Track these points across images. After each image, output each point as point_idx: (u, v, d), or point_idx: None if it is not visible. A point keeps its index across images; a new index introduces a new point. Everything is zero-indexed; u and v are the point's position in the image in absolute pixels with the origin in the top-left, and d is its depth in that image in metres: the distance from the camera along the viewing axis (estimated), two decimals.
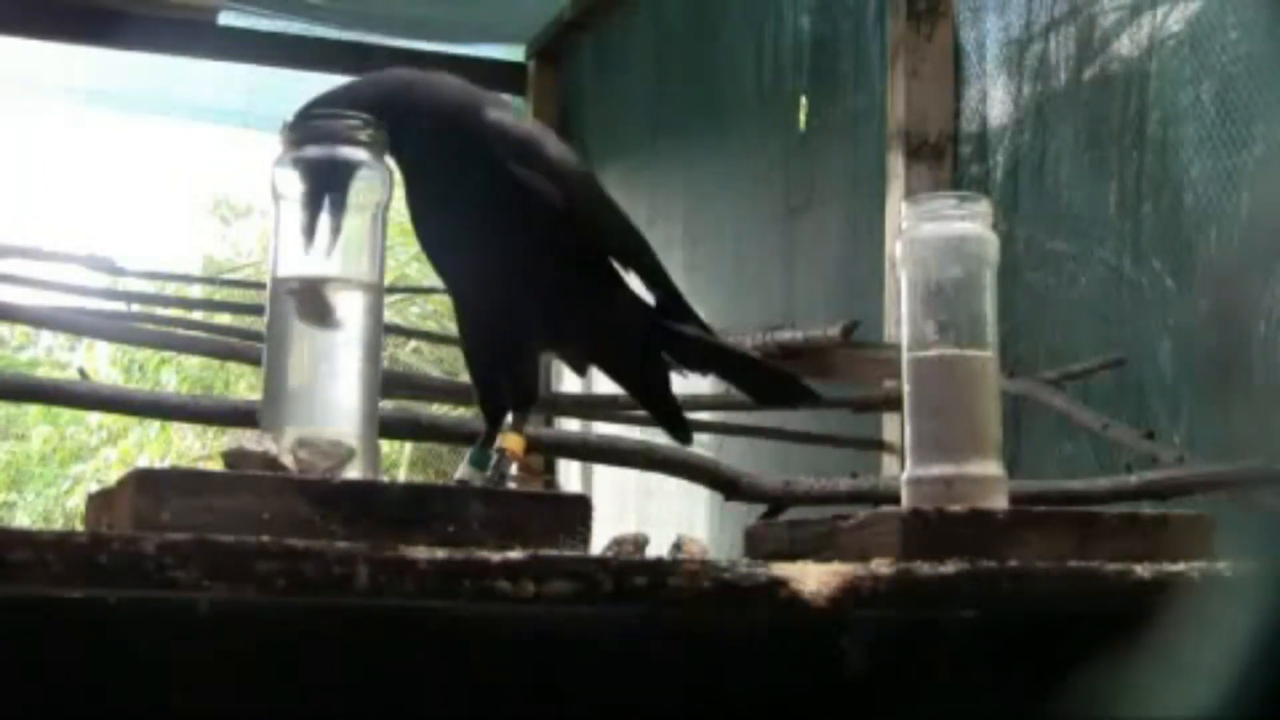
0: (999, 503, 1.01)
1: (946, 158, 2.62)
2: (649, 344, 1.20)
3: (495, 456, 1.09)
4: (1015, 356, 2.29)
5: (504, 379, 1.13)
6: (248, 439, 0.88)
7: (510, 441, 1.10)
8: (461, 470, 1.11)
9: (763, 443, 2.96)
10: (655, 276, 1.19)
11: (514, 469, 1.13)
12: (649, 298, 1.21)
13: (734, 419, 2.95)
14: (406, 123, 1.01)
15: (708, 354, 1.24)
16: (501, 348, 1.12)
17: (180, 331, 2.86)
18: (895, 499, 1.05)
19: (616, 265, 1.17)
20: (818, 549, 0.96)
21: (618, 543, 0.90)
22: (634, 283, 1.20)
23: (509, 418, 1.13)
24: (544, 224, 1.07)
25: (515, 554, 0.74)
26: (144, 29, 4.03)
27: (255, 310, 3.14)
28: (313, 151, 0.95)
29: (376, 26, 4.24)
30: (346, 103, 1.02)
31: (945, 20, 2.65)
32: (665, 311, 1.20)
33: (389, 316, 1.01)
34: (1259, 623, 0.79)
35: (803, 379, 1.26)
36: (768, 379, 1.28)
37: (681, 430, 1.27)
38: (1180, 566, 0.88)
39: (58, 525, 5.31)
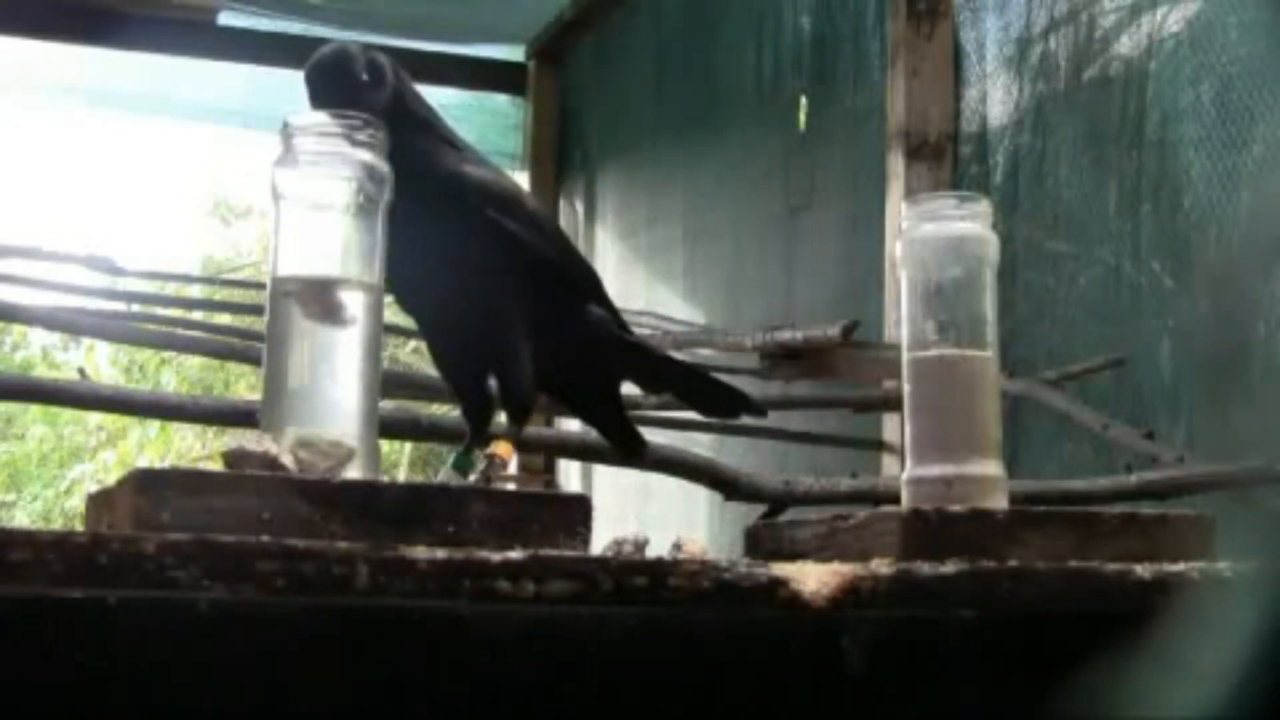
0: (999, 503, 1.01)
1: (946, 158, 2.62)
2: (614, 355, 1.27)
3: (485, 461, 1.13)
4: (1015, 356, 2.29)
5: (489, 392, 1.19)
6: (248, 439, 0.88)
7: (501, 449, 1.13)
8: (443, 474, 1.14)
9: (763, 443, 2.96)
10: (603, 299, 1.27)
11: (512, 468, 1.15)
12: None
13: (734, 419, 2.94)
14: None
15: (657, 364, 1.32)
16: (491, 366, 1.18)
17: (181, 331, 2.85)
18: (895, 499, 1.05)
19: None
20: (818, 549, 0.96)
21: (618, 543, 0.90)
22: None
23: (506, 428, 1.18)
24: (528, 266, 1.16)
25: (515, 554, 0.74)
26: (144, 29, 4.03)
27: (255, 310, 3.14)
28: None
29: (376, 26, 4.24)
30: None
31: (945, 20, 2.65)
32: (620, 326, 1.29)
33: (389, 316, 1.03)
34: (1259, 623, 0.79)
35: (739, 391, 1.35)
36: (708, 389, 1.34)
37: (634, 445, 1.35)
38: (1180, 566, 0.88)
39: (57, 525, 5.31)
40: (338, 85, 1.08)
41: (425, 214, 1.04)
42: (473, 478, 1.11)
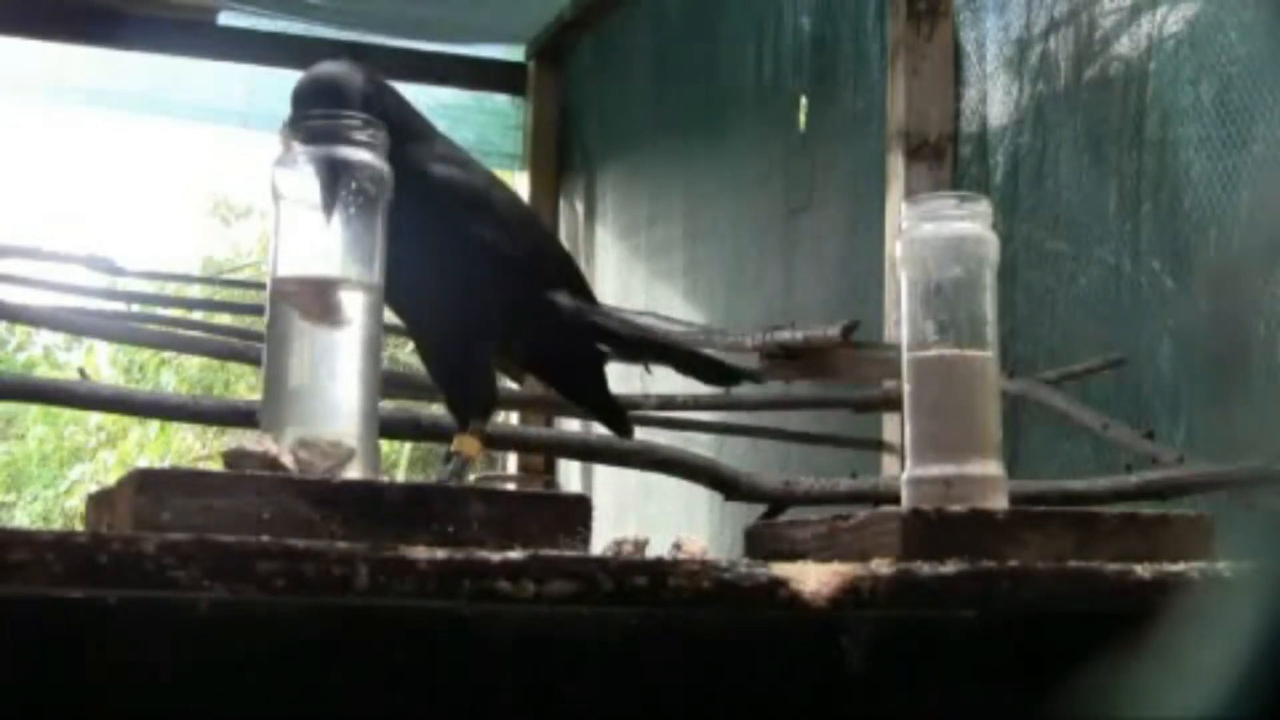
0: (999, 503, 1.01)
1: (946, 158, 2.62)
2: (587, 335, 1.28)
3: (455, 462, 1.14)
4: (1015, 356, 2.29)
5: (462, 389, 1.22)
6: (248, 439, 0.88)
7: (466, 445, 1.14)
8: (439, 474, 1.14)
9: (763, 443, 2.96)
10: (581, 285, 1.29)
11: (512, 468, 1.16)
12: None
13: (734, 419, 2.95)
14: None
15: (637, 340, 1.35)
16: (459, 362, 1.20)
17: (181, 332, 2.85)
18: (895, 499, 1.05)
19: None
20: (818, 549, 0.96)
21: (618, 543, 0.90)
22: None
23: (472, 423, 1.19)
24: (494, 264, 1.17)
25: (515, 554, 0.74)
26: (144, 29, 4.03)
27: (255, 310, 3.13)
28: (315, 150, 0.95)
29: (376, 26, 4.24)
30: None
31: (945, 20, 2.65)
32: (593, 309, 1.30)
33: (389, 317, 1.04)
34: (1259, 623, 0.79)
35: (726, 363, 1.41)
36: (693, 361, 1.38)
37: (623, 424, 1.38)
38: (1180, 566, 0.88)
39: (57, 525, 5.31)
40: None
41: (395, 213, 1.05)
42: (441, 478, 1.12)
